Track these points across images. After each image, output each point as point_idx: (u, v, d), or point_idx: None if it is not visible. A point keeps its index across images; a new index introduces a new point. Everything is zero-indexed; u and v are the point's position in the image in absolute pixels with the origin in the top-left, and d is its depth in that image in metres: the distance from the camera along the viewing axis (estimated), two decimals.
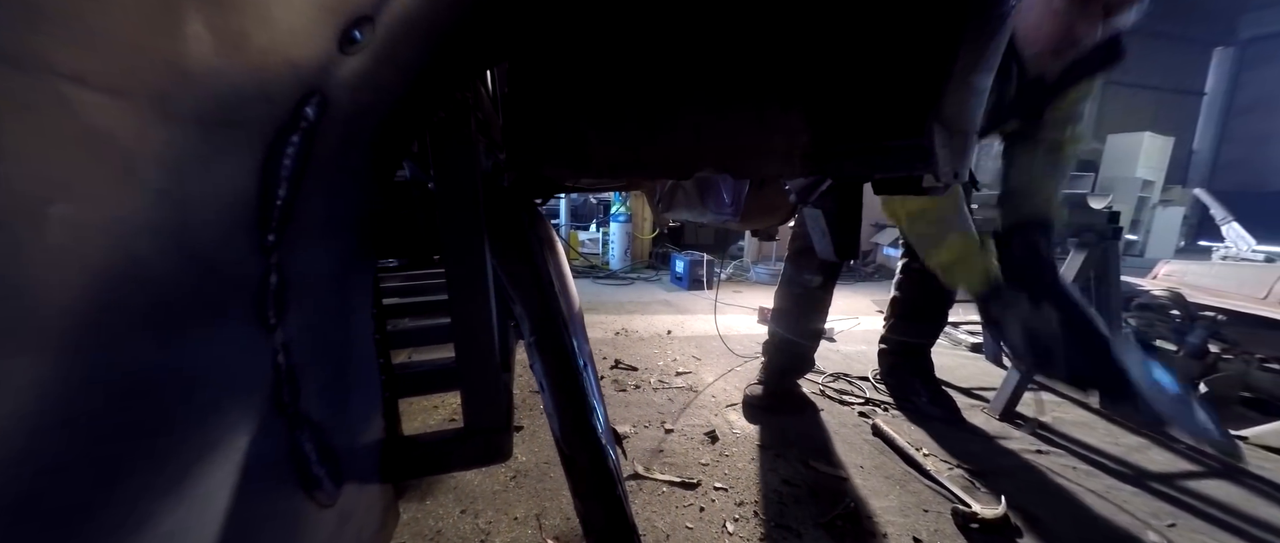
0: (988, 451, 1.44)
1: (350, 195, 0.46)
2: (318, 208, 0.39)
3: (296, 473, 0.41)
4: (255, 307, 0.34)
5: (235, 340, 0.33)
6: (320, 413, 0.44)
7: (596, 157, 0.67)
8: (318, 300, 0.43)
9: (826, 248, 1.13)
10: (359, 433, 0.53)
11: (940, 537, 1.06)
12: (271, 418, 0.37)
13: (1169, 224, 6.95)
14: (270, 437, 0.37)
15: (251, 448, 0.34)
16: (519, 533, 1.04)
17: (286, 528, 0.39)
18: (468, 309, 0.59)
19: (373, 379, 0.57)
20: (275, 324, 0.36)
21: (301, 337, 0.40)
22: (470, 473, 1.26)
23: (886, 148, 0.84)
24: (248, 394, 0.34)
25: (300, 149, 0.33)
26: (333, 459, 0.46)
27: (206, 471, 0.31)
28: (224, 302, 0.31)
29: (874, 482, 1.26)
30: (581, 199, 5.75)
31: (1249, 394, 1.73)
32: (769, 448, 1.42)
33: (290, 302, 0.37)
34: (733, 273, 4.55)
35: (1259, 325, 1.94)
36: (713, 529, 1.07)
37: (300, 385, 0.40)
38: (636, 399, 1.74)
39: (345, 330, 0.50)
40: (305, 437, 0.42)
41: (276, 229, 0.34)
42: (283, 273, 0.35)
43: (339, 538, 0.47)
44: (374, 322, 0.57)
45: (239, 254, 0.32)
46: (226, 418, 0.32)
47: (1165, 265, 2.44)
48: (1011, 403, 1.65)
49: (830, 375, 1.97)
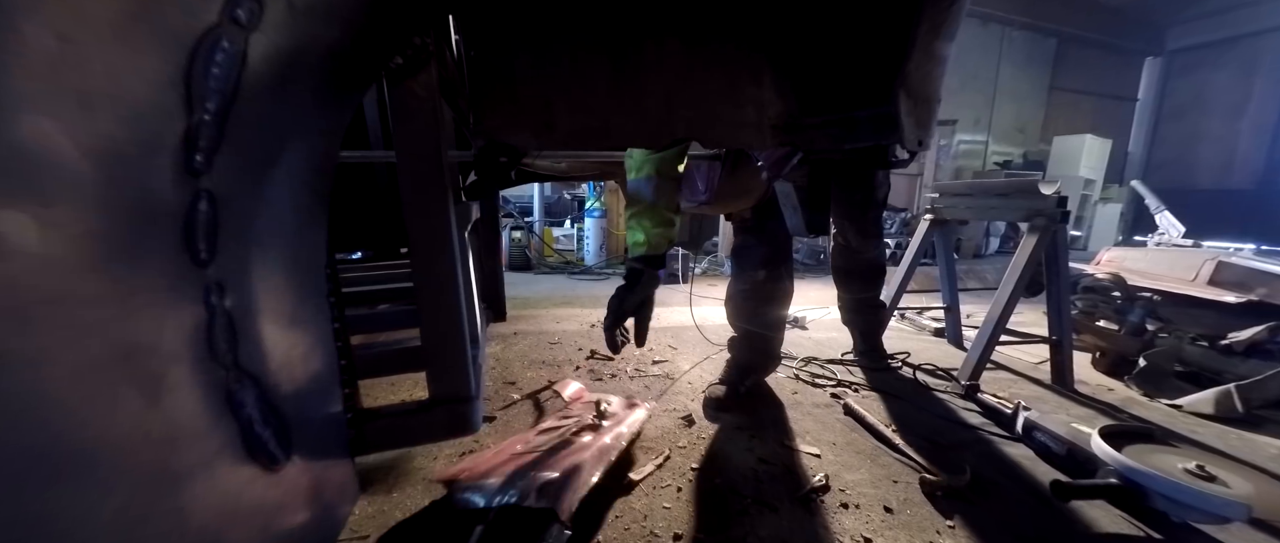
0: (952, 426, 1.50)
1: (296, 133, 0.42)
2: (257, 139, 0.36)
3: (239, 432, 0.37)
4: (183, 235, 0.30)
5: (158, 267, 0.29)
6: (265, 372, 0.41)
7: (563, 124, 0.65)
8: (260, 244, 0.39)
9: (798, 224, 1.14)
10: (312, 401, 0.50)
11: (909, 505, 1.09)
12: (206, 365, 0.34)
13: (1108, 220, 7.48)
14: (204, 385, 0.33)
15: (181, 394, 0.31)
16: None
17: (221, 487, 0.35)
18: (431, 270, 0.56)
19: (327, 346, 0.53)
20: (207, 260, 0.32)
21: (239, 281, 0.36)
22: (439, 462, 1.21)
23: (855, 119, 0.85)
24: (175, 330, 0.31)
25: (231, 59, 0.30)
26: (280, 422, 0.42)
27: (124, 410, 0.27)
28: (143, 222, 0.28)
29: (846, 457, 1.29)
30: (556, 195, 5.68)
31: (1182, 367, 1.87)
32: (745, 430, 1.42)
33: (224, 237, 0.33)
34: (707, 268, 4.59)
35: (1189, 305, 2.09)
36: (691, 508, 1.06)
37: (239, 335, 0.36)
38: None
39: (294, 287, 0.46)
40: (247, 394, 0.38)
41: (205, 151, 0.31)
42: (214, 203, 0.32)
43: (288, 509, 0.43)
44: (329, 284, 0.53)
45: (160, 170, 0.28)
46: (148, 355, 0.29)
47: (1107, 252, 2.60)
48: (974, 377, 1.72)
49: (801, 360, 2.01)
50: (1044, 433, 1.31)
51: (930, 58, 0.73)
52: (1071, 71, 8.36)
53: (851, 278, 1.91)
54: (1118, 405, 1.69)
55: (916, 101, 0.82)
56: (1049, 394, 1.78)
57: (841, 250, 1.88)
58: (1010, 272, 1.78)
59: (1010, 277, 1.77)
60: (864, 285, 1.93)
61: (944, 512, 1.06)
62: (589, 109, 0.68)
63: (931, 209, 2.22)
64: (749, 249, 1.59)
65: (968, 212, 2.11)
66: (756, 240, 1.57)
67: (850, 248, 1.82)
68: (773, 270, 1.57)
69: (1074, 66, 8.35)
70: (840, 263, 1.91)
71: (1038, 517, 1.07)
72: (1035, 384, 1.86)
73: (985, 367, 1.81)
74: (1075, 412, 1.63)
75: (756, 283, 1.58)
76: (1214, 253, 2.23)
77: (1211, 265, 2.13)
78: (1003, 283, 1.80)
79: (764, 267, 1.56)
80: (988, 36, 7.62)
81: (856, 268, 1.88)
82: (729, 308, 1.68)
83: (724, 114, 0.80)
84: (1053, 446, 1.27)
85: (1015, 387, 1.82)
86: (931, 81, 0.77)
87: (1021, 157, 8.00)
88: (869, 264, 1.89)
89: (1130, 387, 1.86)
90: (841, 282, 1.95)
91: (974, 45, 7.47)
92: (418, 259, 0.56)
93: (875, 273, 1.94)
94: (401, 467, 1.19)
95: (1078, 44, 8.28)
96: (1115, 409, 1.66)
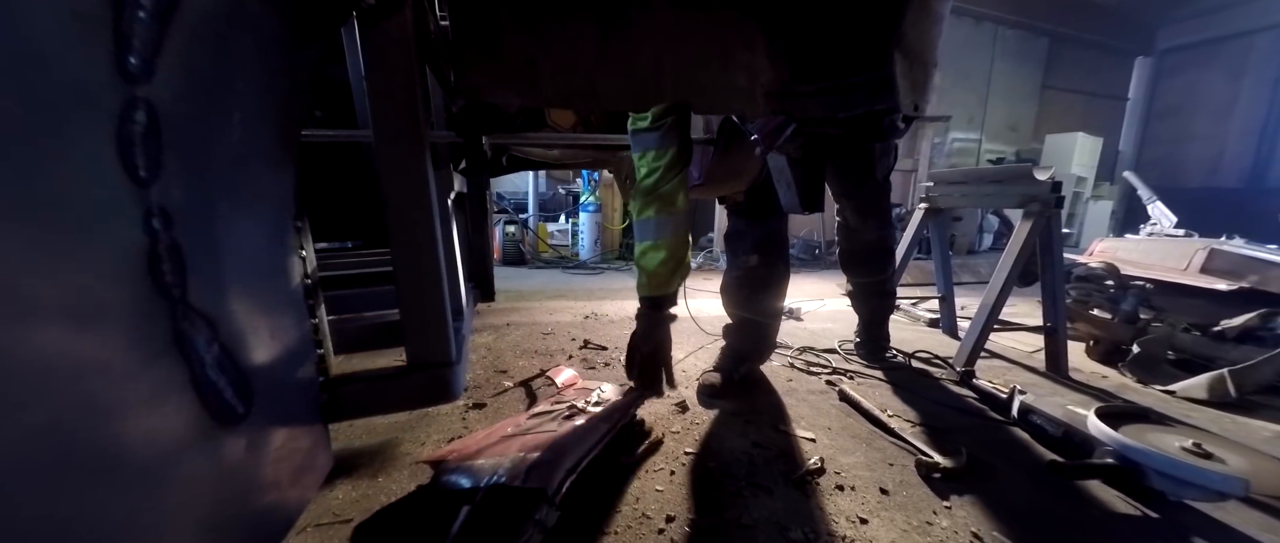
0: (949, 410, 1.48)
1: (256, 62, 0.40)
2: (206, 57, 0.33)
3: (188, 374, 0.34)
4: (117, 145, 0.28)
5: (91, 179, 0.26)
6: (220, 314, 0.38)
7: (548, 84, 0.63)
8: (211, 176, 0.36)
9: (792, 200, 1.12)
10: (279, 356, 0.47)
11: (905, 486, 1.07)
12: (150, 297, 0.31)
13: (1099, 217, 7.53)
14: (147, 318, 0.30)
15: (119, 322, 0.28)
16: None
17: (164, 428, 0.33)
18: (407, 227, 0.53)
19: (297, 302, 0.50)
20: (147, 179, 0.30)
21: (187, 210, 0.33)
22: (427, 449, 1.18)
23: (849, 84, 0.83)
24: (112, 251, 0.28)
25: None
26: (238, 373, 0.39)
27: (52, 333, 0.25)
28: (73, 127, 0.25)
29: (842, 441, 1.27)
30: (550, 191, 5.65)
31: (1175, 354, 1.87)
32: (739, 416, 1.40)
33: (167, 157, 0.31)
34: (702, 262, 4.57)
35: (1182, 294, 2.10)
36: (684, 491, 1.04)
37: (188, 269, 0.34)
38: (606, 375, 1.70)
39: (255, 232, 0.43)
40: (199, 335, 0.35)
41: (141, 55, 0.28)
42: (153, 115, 0.29)
43: (251, 466, 0.41)
44: (297, 235, 0.50)
45: (90, 71, 0.26)
46: (79, 274, 0.26)
47: (1100, 242, 2.61)
48: (969, 363, 1.71)
49: (797, 350, 1.99)
50: (1040, 416, 1.30)
51: (927, 14, 0.71)
52: (1064, 71, 8.42)
53: (852, 260, 1.80)
54: (1112, 391, 1.69)
55: (912, 63, 0.81)
56: (1043, 381, 1.77)
57: (842, 230, 1.77)
58: (1005, 258, 1.77)
59: (1005, 263, 1.77)
60: (864, 269, 1.81)
61: (940, 493, 1.05)
62: (575, 69, 0.65)
63: (926, 198, 2.21)
64: (742, 234, 1.56)
65: (963, 199, 2.11)
66: (748, 225, 1.55)
67: (849, 228, 1.74)
68: (766, 256, 1.54)
69: (1066, 66, 8.42)
70: (843, 245, 1.82)
71: (1034, 497, 1.05)
72: (1030, 372, 1.86)
73: (980, 354, 1.80)
74: (1070, 398, 1.62)
75: (750, 269, 1.55)
76: (1207, 241, 2.24)
77: (1204, 254, 2.14)
78: (997, 269, 1.80)
79: (757, 252, 1.54)
80: (981, 35, 7.66)
81: (856, 250, 1.76)
82: (724, 297, 1.65)
83: (715, 79, 0.78)
84: (1049, 428, 1.26)
85: (1010, 374, 1.82)
86: (928, 41, 0.75)
87: (1014, 154, 8.05)
88: (869, 246, 1.75)
89: (1124, 374, 1.85)
90: (845, 265, 1.85)
91: (967, 44, 7.51)
92: (394, 215, 0.53)
93: (877, 257, 1.79)
94: (387, 452, 1.16)
95: (1070, 43, 8.35)
96: (1109, 395, 1.65)
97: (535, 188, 5.12)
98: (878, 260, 1.81)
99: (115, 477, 0.28)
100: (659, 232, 1.10)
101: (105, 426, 0.28)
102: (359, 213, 2.00)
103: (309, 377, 0.52)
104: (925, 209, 2.21)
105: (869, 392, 1.59)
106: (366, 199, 1.95)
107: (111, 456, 0.28)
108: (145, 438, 0.30)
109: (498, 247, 4.65)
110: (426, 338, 0.56)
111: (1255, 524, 0.98)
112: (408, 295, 0.54)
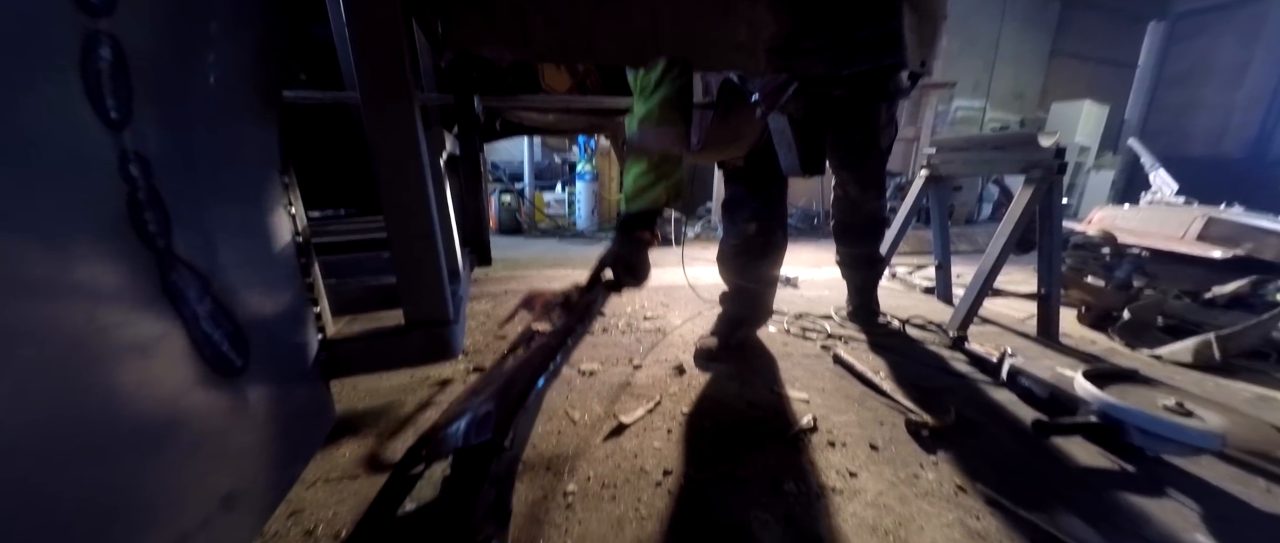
0: (940, 373, 1.52)
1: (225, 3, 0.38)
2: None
3: (182, 326, 0.34)
4: (84, 84, 0.27)
5: (57, 115, 0.26)
6: (210, 267, 0.37)
7: (540, 37, 0.60)
8: (191, 124, 0.35)
9: (792, 163, 1.11)
10: (275, 312, 0.47)
11: (894, 443, 1.11)
12: (134, 247, 0.30)
13: (1100, 188, 7.49)
14: (132, 268, 0.30)
15: (104, 271, 0.28)
16: None
17: (160, 377, 0.33)
18: (398, 180, 0.52)
19: (288, 259, 0.50)
20: (119, 121, 0.29)
21: (165, 157, 0.32)
22: (430, 411, 1.21)
23: (854, 40, 0.80)
24: (90, 197, 0.27)
25: None
26: (234, 325, 0.39)
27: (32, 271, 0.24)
28: (32, 59, 0.24)
29: (834, 401, 1.30)
30: (546, 160, 5.55)
31: (1164, 320, 1.90)
32: (735, 378, 1.43)
33: (138, 100, 0.30)
34: (700, 232, 4.55)
35: (1177, 261, 2.11)
36: (680, 447, 1.07)
37: (172, 219, 0.33)
38: (604, 341, 1.72)
39: (240, 182, 0.43)
40: (189, 286, 0.35)
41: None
42: (119, 51, 0.28)
43: (254, 420, 0.41)
44: (285, 191, 0.49)
45: None
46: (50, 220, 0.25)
47: (1098, 211, 2.61)
48: (962, 328, 1.74)
49: (793, 316, 2.01)
50: (1027, 378, 1.33)
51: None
52: (1074, 36, 8.17)
53: (849, 232, 1.84)
54: (1100, 355, 1.72)
55: (921, 16, 0.78)
56: (1034, 346, 1.80)
57: (841, 203, 1.79)
58: (1004, 224, 1.77)
59: (1003, 229, 1.77)
60: (861, 240, 1.85)
61: (928, 449, 1.08)
62: (568, 21, 0.63)
63: (928, 165, 2.19)
64: (740, 201, 1.55)
65: (965, 166, 2.08)
66: (747, 193, 1.53)
67: (850, 200, 1.74)
68: (764, 224, 1.53)
69: (1076, 31, 8.16)
70: (840, 217, 1.83)
71: (1017, 452, 1.09)
72: (1021, 337, 1.89)
73: (973, 319, 1.82)
74: (1058, 361, 1.66)
75: (748, 237, 1.55)
76: (1205, 210, 2.24)
77: (1201, 222, 2.14)
78: (996, 235, 1.80)
79: (755, 219, 1.52)
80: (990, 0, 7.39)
81: (855, 222, 1.80)
82: (721, 265, 1.66)
83: (714, 33, 0.75)
84: (1036, 389, 1.30)
85: (1001, 339, 1.85)
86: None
87: (1019, 123, 7.91)
88: (868, 218, 1.80)
89: (1113, 338, 1.89)
90: (840, 236, 1.88)
91: (976, 8, 7.24)
92: (384, 171, 0.52)
93: (874, 227, 1.85)
94: (391, 413, 1.19)
95: (1081, 7, 8.06)
96: (1097, 359, 1.69)
97: (530, 156, 5.03)
98: (875, 232, 1.87)
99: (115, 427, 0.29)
100: (641, 140, 1.01)
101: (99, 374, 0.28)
102: (350, 180, 1.97)
103: (307, 334, 0.52)
104: (926, 176, 2.19)
105: (863, 355, 1.62)
106: (357, 166, 1.92)
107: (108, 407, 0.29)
108: (140, 388, 0.31)
109: (494, 216, 4.61)
110: (423, 297, 0.56)
111: (1228, 478, 1.02)
112: (402, 254, 0.54)
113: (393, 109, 0.51)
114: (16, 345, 0.24)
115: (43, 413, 0.25)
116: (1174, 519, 0.90)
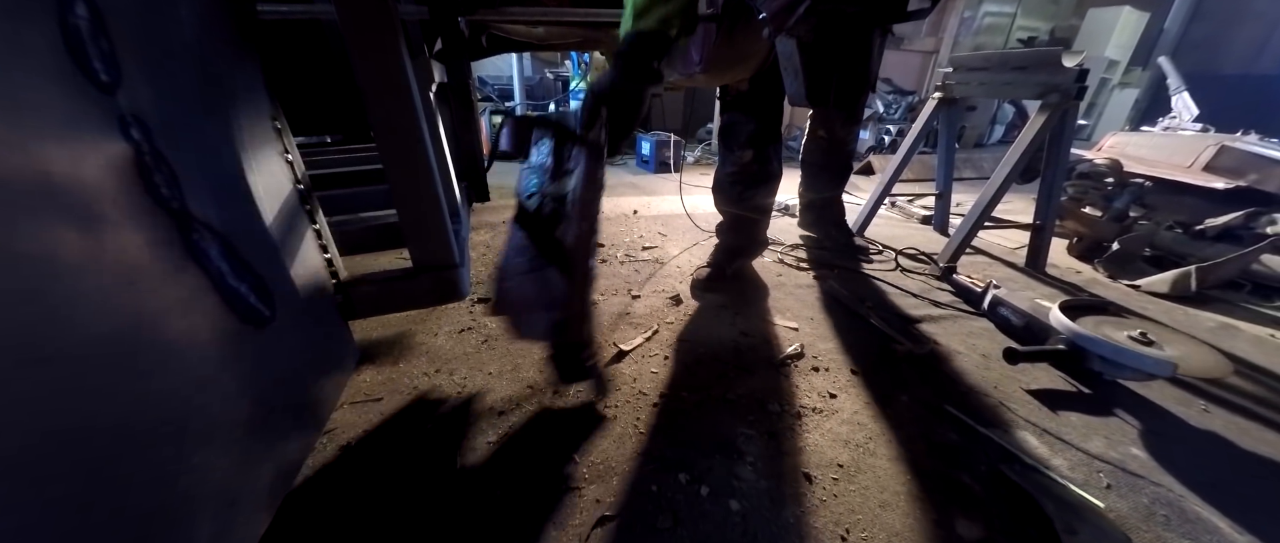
0: (925, 304, 1.59)
1: None
2: None
3: (209, 283, 0.36)
4: (67, 47, 0.26)
5: (54, 84, 0.25)
6: (225, 224, 0.38)
7: None
8: (176, 77, 0.34)
9: (798, 91, 1.05)
10: (291, 261, 0.48)
11: (875, 369, 1.20)
12: (150, 208, 0.31)
13: (1122, 106, 7.13)
14: (151, 227, 0.31)
15: (121, 234, 0.29)
16: (494, 384, 1.09)
17: (200, 334, 0.36)
18: (389, 119, 0.51)
19: (293, 205, 0.50)
20: (110, 83, 0.28)
21: (161, 118, 0.32)
22: (441, 338, 1.28)
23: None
24: (97, 161, 0.28)
25: None
26: (256, 278, 0.41)
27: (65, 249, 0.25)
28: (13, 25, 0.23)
29: (822, 330, 1.38)
30: (537, 75, 5.19)
31: (1151, 252, 1.94)
32: (729, 308, 1.50)
33: (124, 58, 0.28)
34: (700, 156, 4.42)
35: (1178, 192, 2.10)
36: (676, 373, 1.16)
37: (181, 180, 0.33)
38: (603, 271, 1.76)
39: (235, 133, 0.42)
40: (210, 245, 0.36)
41: None
42: (96, 11, 0.26)
43: (287, 362, 0.45)
44: (278, 136, 0.48)
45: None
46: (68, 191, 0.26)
47: (1110, 137, 2.53)
48: (952, 260, 1.78)
49: (788, 246, 2.04)
50: (1007, 308, 1.40)
51: None
52: None
53: (825, 173, 1.83)
54: (1080, 286, 1.79)
55: None
56: (1019, 276, 1.86)
57: (820, 144, 1.77)
58: (1011, 153, 1.73)
59: (1009, 158, 1.73)
60: (833, 181, 1.88)
61: (905, 374, 1.17)
62: None
63: (941, 86, 2.07)
64: (737, 125, 1.49)
65: (980, 88, 1.97)
66: (744, 119, 1.47)
67: (832, 140, 1.70)
68: (760, 152, 1.50)
69: None
70: (814, 158, 1.82)
71: (986, 377, 1.19)
72: (1009, 267, 1.94)
73: (965, 251, 1.86)
74: (1040, 291, 1.73)
75: (744, 165, 1.52)
76: (1219, 138, 2.17)
77: (1213, 151, 2.09)
78: (1001, 164, 1.77)
79: (751, 146, 1.48)
80: None
81: (831, 162, 1.80)
82: (716, 193, 1.64)
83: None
84: (1013, 319, 1.37)
85: (990, 270, 1.90)
86: None
87: (1048, 33, 7.29)
88: (845, 160, 1.83)
89: (1098, 270, 1.94)
90: (813, 179, 1.88)
91: None
92: (374, 106, 0.50)
93: (846, 170, 1.90)
94: (404, 341, 1.26)
95: None
96: (1078, 289, 1.76)
97: (520, 72, 4.70)
98: (846, 173, 1.92)
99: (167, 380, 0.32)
100: None
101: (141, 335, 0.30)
102: (334, 104, 1.86)
103: (323, 279, 0.54)
104: (939, 99, 2.09)
105: (854, 287, 1.67)
106: (339, 86, 1.80)
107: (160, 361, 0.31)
108: (183, 343, 0.33)
109: (485, 138, 4.42)
110: (428, 242, 0.57)
111: (1174, 399, 1.13)
112: (404, 200, 0.54)
113: (375, 34, 0.48)
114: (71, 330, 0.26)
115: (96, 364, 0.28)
116: (1115, 434, 1.01)
